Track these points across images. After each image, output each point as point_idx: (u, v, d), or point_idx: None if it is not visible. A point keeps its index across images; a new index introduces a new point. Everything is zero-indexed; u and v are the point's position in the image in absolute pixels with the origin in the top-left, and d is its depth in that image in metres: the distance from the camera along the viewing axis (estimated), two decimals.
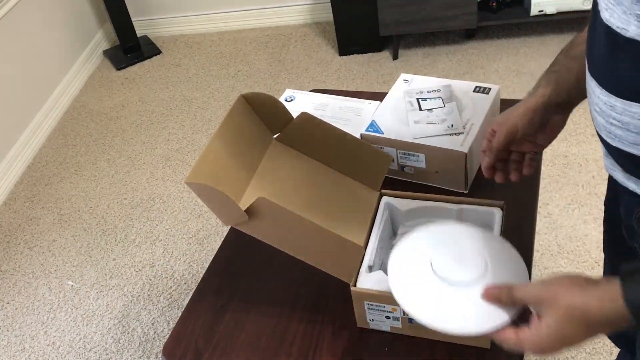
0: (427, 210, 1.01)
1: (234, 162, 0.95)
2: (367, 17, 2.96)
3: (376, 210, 1.00)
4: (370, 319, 0.93)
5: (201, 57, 3.37)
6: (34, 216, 2.51)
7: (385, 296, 0.86)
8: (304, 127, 1.02)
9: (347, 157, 1.04)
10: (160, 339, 1.95)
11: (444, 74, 2.87)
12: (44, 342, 2.01)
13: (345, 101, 1.36)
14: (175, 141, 2.78)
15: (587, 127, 2.41)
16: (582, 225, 2.05)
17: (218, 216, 0.90)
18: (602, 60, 0.68)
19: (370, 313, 0.91)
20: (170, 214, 2.40)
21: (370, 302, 0.89)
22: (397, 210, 1.02)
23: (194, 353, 0.96)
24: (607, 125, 0.71)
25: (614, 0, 0.63)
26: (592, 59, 0.71)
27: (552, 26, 3.06)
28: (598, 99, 0.71)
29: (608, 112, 0.69)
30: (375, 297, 0.88)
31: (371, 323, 0.93)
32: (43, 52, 3.07)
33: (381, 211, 1.00)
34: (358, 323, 0.95)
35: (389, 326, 0.92)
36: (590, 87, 0.73)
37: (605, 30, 0.65)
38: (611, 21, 0.64)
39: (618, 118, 0.68)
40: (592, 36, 0.71)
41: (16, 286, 2.22)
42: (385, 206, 1.01)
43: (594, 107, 0.73)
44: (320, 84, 2.94)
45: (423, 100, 1.23)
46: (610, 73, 0.67)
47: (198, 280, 2.08)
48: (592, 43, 0.71)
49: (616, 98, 0.67)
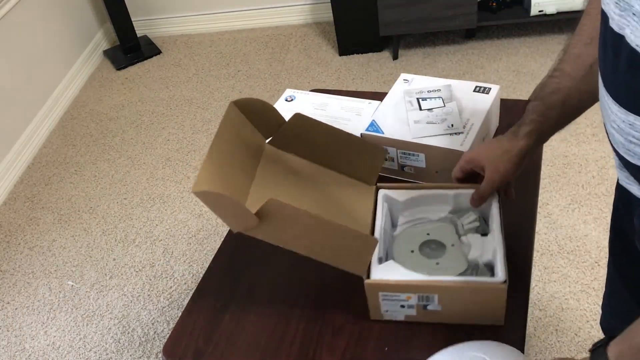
0: (425, 199, 1.03)
1: (233, 169, 0.95)
2: (367, 17, 2.96)
3: (375, 204, 1.01)
4: (385, 310, 0.93)
5: (201, 57, 3.37)
6: (34, 216, 2.51)
7: (400, 285, 0.88)
8: (297, 128, 1.01)
9: (342, 155, 1.04)
10: (160, 339, 1.95)
11: (444, 74, 2.87)
12: (44, 342, 2.01)
13: (345, 101, 1.36)
14: (175, 141, 2.79)
15: (587, 127, 2.41)
16: (582, 225, 2.05)
17: (227, 223, 0.89)
18: (620, 78, 0.65)
19: (385, 304, 0.92)
20: (170, 214, 2.40)
21: (385, 292, 0.90)
22: (395, 202, 1.03)
23: (194, 353, 0.96)
24: (625, 143, 0.69)
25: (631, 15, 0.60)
26: (607, 76, 0.69)
27: (552, 26, 3.06)
28: (615, 116, 0.68)
29: (627, 130, 0.67)
30: (391, 286, 0.89)
31: (386, 314, 0.94)
32: (43, 52, 3.07)
33: (380, 204, 1.01)
34: (372, 316, 0.95)
35: (403, 315, 0.93)
36: (606, 103, 0.70)
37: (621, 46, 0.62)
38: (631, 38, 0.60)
39: (638, 137, 0.66)
40: (605, 52, 0.68)
41: (16, 286, 2.22)
42: (383, 199, 1.02)
43: (610, 124, 0.71)
44: (320, 84, 2.95)
45: (423, 100, 1.23)
46: (630, 91, 0.65)
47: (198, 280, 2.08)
48: (605, 59, 0.68)
49: (635, 116, 0.64)
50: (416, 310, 0.92)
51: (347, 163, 1.05)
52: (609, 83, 0.69)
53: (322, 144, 1.03)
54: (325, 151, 1.04)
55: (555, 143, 2.37)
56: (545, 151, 1.18)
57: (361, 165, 1.05)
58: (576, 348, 1.73)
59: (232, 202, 0.84)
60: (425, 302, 0.90)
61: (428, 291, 0.89)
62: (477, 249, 0.94)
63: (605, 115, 0.73)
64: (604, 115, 0.74)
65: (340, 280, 1.02)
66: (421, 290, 0.89)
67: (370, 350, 0.92)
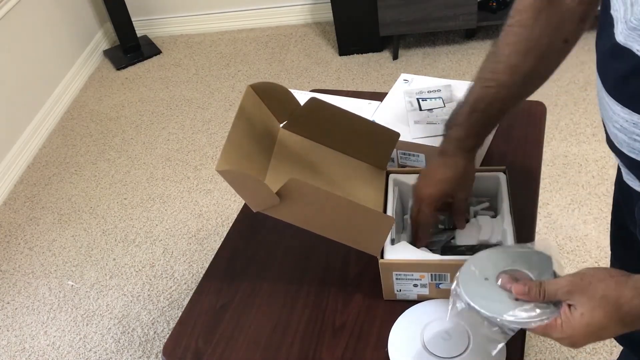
0: None
1: (252, 151, 0.98)
2: (367, 17, 2.96)
3: (386, 188, 1.03)
4: (397, 290, 0.95)
5: (201, 57, 3.37)
6: (34, 216, 2.51)
7: (414, 264, 0.91)
8: (312, 112, 1.03)
9: (355, 139, 1.06)
10: (160, 339, 1.95)
11: (444, 74, 2.87)
12: (44, 342, 2.01)
13: (345, 101, 1.35)
14: (175, 141, 2.79)
15: (587, 127, 2.41)
16: (582, 225, 2.05)
17: (247, 202, 0.92)
18: (623, 81, 0.67)
19: (398, 283, 0.94)
20: (170, 214, 2.40)
21: (398, 272, 0.92)
22: (405, 185, 1.04)
23: (194, 353, 0.96)
24: (630, 142, 0.70)
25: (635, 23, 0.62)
26: (608, 79, 0.70)
27: None
28: (618, 116, 0.70)
29: (631, 130, 0.69)
30: (404, 266, 0.91)
31: (398, 294, 0.96)
32: (43, 52, 3.07)
33: (391, 188, 1.03)
34: (385, 296, 0.97)
35: (416, 295, 0.95)
36: (608, 104, 0.72)
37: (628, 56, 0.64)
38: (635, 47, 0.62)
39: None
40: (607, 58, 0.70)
41: (16, 286, 2.22)
42: (394, 182, 1.04)
43: (613, 124, 0.72)
44: (320, 84, 2.95)
45: (423, 100, 1.23)
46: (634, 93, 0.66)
47: (198, 280, 2.08)
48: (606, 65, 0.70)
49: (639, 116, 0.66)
50: (429, 288, 0.94)
51: (359, 147, 1.07)
52: (610, 87, 0.70)
53: (335, 128, 1.05)
54: (338, 135, 1.06)
55: (555, 143, 2.37)
56: (545, 151, 1.19)
57: (373, 150, 1.07)
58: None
59: (254, 181, 0.87)
60: (438, 281, 0.92)
61: (441, 270, 0.91)
62: (488, 229, 0.98)
63: (606, 116, 0.74)
64: (605, 116, 0.75)
65: (340, 280, 1.03)
66: (434, 269, 0.91)
67: (370, 350, 0.92)
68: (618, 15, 0.65)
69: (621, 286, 0.66)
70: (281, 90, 1.02)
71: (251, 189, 0.89)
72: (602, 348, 1.71)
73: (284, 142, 1.06)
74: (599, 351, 1.71)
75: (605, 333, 0.67)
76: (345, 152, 1.08)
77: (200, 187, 2.50)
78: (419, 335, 0.89)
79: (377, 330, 0.94)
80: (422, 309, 0.94)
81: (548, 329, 0.70)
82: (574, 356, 1.71)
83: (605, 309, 0.66)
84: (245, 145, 0.95)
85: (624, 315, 0.66)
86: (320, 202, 0.88)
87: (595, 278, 0.68)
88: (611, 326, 0.67)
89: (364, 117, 1.05)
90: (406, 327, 0.92)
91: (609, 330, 0.67)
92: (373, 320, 0.96)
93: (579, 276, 0.70)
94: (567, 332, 0.69)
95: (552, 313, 0.71)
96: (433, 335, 0.88)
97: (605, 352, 1.70)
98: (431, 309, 0.93)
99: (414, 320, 0.92)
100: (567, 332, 0.69)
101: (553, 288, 0.71)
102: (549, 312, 0.71)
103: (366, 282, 1.01)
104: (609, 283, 0.67)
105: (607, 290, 0.66)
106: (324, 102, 1.02)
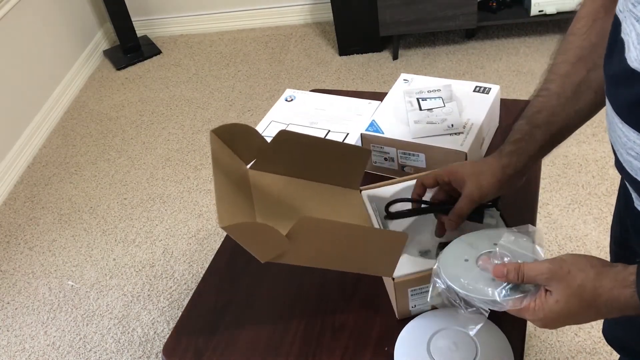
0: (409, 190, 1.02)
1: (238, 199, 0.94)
2: (367, 17, 2.96)
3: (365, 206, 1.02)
4: (412, 306, 0.93)
5: (201, 57, 3.37)
6: (34, 216, 2.51)
7: (427, 275, 0.86)
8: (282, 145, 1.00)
9: (327, 165, 1.04)
10: (160, 339, 1.95)
11: (444, 74, 2.87)
12: (44, 342, 2.01)
13: (346, 101, 1.36)
14: (175, 141, 2.79)
15: (587, 127, 2.40)
16: (582, 225, 2.05)
17: (255, 253, 0.86)
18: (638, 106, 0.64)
19: (413, 299, 0.92)
20: (170, 214, 2.40)
21: (414, 287, 0.90)
22: (381, 199, 1.03)
23: (194, 353, 0.96)
24: None
25: None
26: (621, 104, 0.67)
27: (552, 26, 3.06)
28: (634, 143, 0.67)
29: None
30: (419, 280, 0.89)
31: (413, 310, 0.94)
32: (43, 52, 3.07)
33: (368, 204, 1.02)
34: (399, 316, 0.94)
35: (429, 306, 0.94)
36: (621, 131, 0.69)
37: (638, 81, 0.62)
38: None
39: None
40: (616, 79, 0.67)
41: (16, 286, 2.22)
42: (369, 198, 1.03)
43: (627, 151, 0.69)
44: (320, 84, 2.95)
45: (423, 100, 1.23)
46: None
47: (198, 280, 2.08)
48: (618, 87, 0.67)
49: None
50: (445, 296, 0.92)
51: (332, 172, 1.04)
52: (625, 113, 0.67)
53: (306, 158, 1.03)
54: (310, 164, 1.03)
55: None
56: None
57: (346, 172, 1.05)
58: (576, 348, 1.73)
59: (264, 229, 0.82)
60: None
61: None
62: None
63: (618, 142, 0.71)
64: (615, 142, 0.72)
65: (340, 281, 1.02)
66: None
67: (370, 350, 0.92)
68: (629, 39, 0.63)
69: (601, 276, 0.66)
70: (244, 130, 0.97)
71: (261, 237, 0.84)
72: (602, 348, 1.71)
73: (257, 183, 1.02)
74: (599, 351, 1.71)
75: (578, 320, 0.69)
76: (318, 180, 1.05)
77: (200, 187, 2.50)
78: (425, 345, 0.88)
79: (377, 331, 0.94)
80: (428, 318, 0.93)
81: (522, 311, 0.72)
82: (574, 356, 1.71)
83: (581, 297, 0.67)
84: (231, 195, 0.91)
85: (600, 305, 0.66)
86: (332, 236, 0.85)
87: (575, 267, 0.68)
88: (585, 314, 0.68)
89: (333, 140, 1.04)
90: (412, 337, 0.91)
91: (582, 318, 0.68)
92: (373, 321, 0.96)
93: (559, 263, 0.70)
94: (539, 315, 0.70)
95: (528, 297, 0.72)
96: (440, 346, 0.87)
97: (605, 352, 1.70)
98: (437, 319, 0.92)
99: (420, 330, 0.91)
100: (539, 315, 0.70)
101: (532, 273, 0.71)
102: (525, 296, 0.72)
103: (366, 282, 1.01)
104: (588, 273, 0.67)
105: (585, 280, 0.67)
106: (293, 133, 1.00)
